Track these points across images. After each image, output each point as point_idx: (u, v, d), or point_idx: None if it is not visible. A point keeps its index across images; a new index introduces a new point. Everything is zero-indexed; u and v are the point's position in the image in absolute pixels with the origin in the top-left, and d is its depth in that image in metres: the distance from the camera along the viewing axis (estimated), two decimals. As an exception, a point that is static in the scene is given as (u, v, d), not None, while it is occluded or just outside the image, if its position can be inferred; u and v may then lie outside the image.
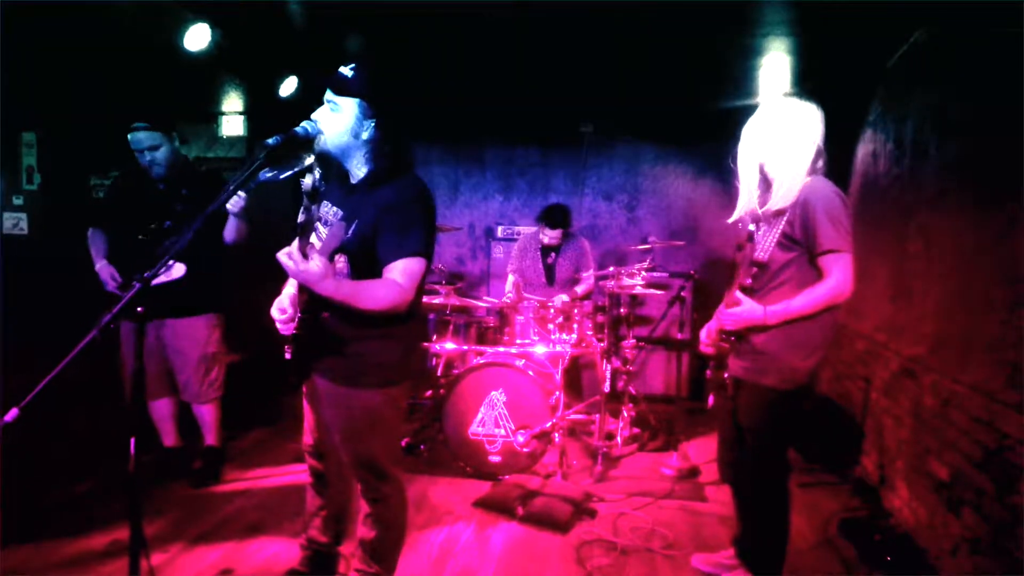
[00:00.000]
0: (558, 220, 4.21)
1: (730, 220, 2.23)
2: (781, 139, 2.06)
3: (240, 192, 2.63)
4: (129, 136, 3.04)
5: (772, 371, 2.09)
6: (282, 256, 1.66)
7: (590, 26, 3.20)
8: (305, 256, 1.65)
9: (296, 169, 1.95)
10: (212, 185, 3.07)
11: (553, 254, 4.36)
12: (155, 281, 2.94)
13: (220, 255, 3.10)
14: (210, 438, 3.34)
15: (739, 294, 2.07)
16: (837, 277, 1.98)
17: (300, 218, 1.74)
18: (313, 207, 1.92)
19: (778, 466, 2.25)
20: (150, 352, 3.13)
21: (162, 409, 3.30)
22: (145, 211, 3.06)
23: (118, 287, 3.05)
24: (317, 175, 1.75)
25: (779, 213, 2.05)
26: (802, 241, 2.03)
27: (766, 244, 2.07)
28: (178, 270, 2.96)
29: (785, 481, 2.26)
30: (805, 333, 2.04)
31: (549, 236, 4.26)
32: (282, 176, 1.96)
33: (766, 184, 2.12)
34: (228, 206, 2.77)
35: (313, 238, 1.89)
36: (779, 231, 2.04)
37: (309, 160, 1.93)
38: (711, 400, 2.38)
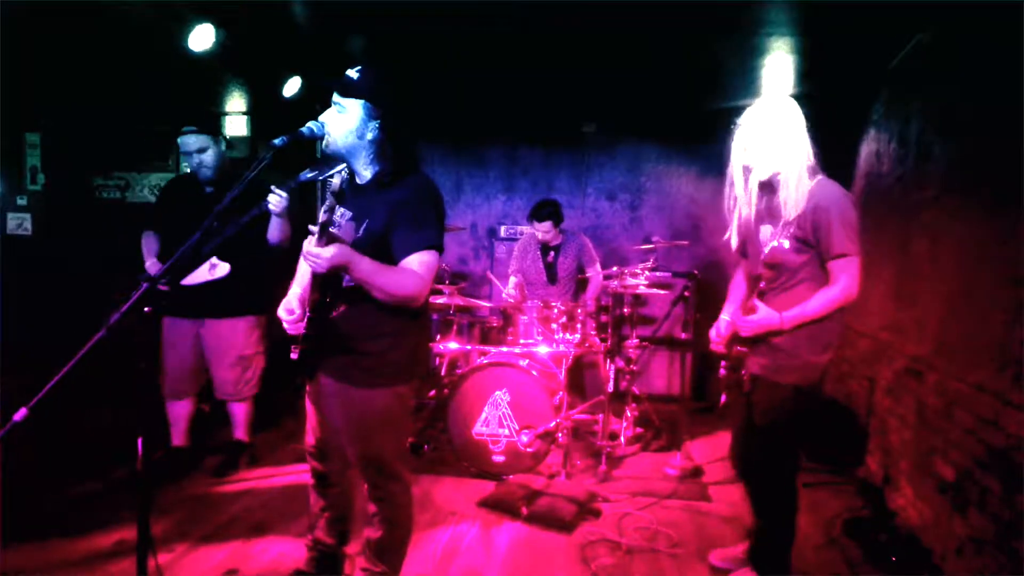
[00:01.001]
0: (545, 213, 4.19)
1: (729, 237, 2.27)
2: (778, 144, 2.07)
3: (282, 193, 2.63)
4: (179, 140, 3.13)
5: (790, 369, 2.13)
6: (307, 256, 1.71)
7: (592, 25, 3.20)
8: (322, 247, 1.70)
9: (336, 170, 1.98)
10: (257, 189, 3.08)
11: (553, 252, 4.35)
12: (199, 280, 2.99)
13: (263, 256, 3.10)
14: (239, 433, 3.42)
15: (756, 301, 2.10)
16: (847, 280, 2.05)
17: (322, 217, 1.75)
18: (338, 207, 1.95)
19: (790, 463, 2.29)
20: (186, 351, 3.22)
21: (181, 409, 3.33)
22: (192, 213, 3.04)
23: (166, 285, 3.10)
24: (345, 175, 1.77)
25: (786, 218, 2.08)
26: (814, 244, 2.07)
27: (779, 248, 2.10)
28: (222, 270, 3.05)
29: (795, 479, 2.30)
30: (819, 329, 2.10)
31: (541, 231, 4.23)
32: (322, 177, 1.99)
33: (769, 190, 2.14)
34: (271, 207, 2.74)
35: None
36: (790, 234, 2.07)
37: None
38: (723, 398, 2.39)
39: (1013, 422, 2.16)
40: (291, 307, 1.97)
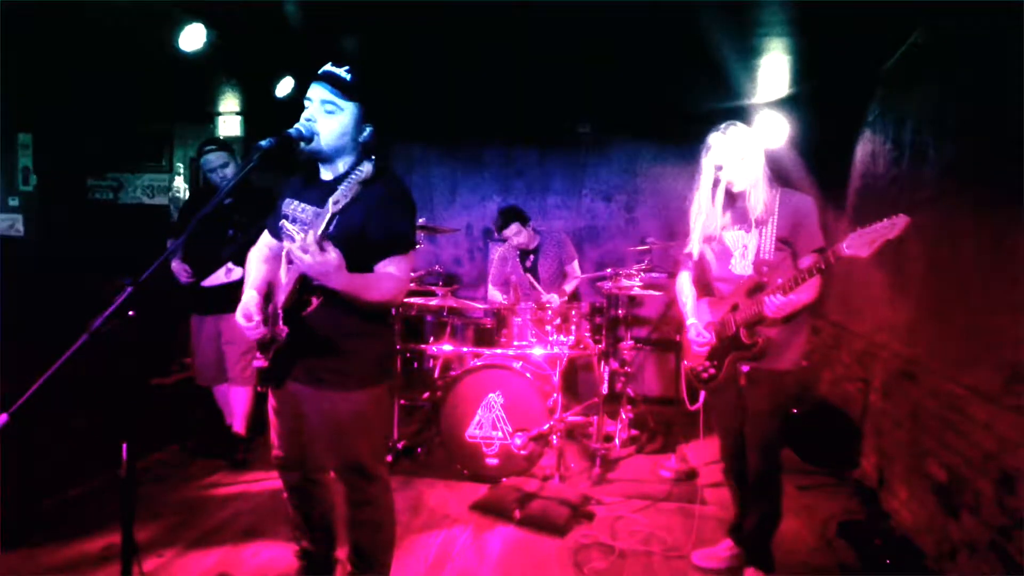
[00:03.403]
0: (507, 218, 4.15)
1: (691, 247, 2.46)
2: (750, 162, 2.30)
3: None
4: (202, 159, 3.44)
5: (786, 355, 2.31)
6: (295, 249, 1.62)
7: (588, 26, 3.19)
8: (321, 248, 1.63)
9: (357, 172, 1.97)
10: (265, 199, 3.29)
11: (532, 256, 4.31)
12: (216, 283, 3.37)
13: None
14: (237, 426, 3.56)
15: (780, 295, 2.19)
16: None
17: (332, 207, 1.69)
18: (298, 202, 1.94)
19: (780, 448, 2.44)
20: (209, 342, 3.50)
21: (222, 392, 3.61)
22: (212, 222, 3.34)
23: (189, 280, 3.42)
24: (349, 168, 1.75)
25: (760, 222, 2.31)
26: (792, 243, 2.31)
27: (767, 247, 2.29)
28: (237, 274, 3.33)
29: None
30: (801, 318, 2.32)
31: (513, 235, 4.18)
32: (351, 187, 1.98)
33: (735, 201, 2.37)
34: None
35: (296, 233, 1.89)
36: (773, 236, 2.29)
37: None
38: (702, 398, 2.55)
39: (1006, 425, 2.15)
40: (250, 312, 1.91)
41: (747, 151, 2.30)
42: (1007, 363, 2.19)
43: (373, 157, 1.68)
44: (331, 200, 1.64)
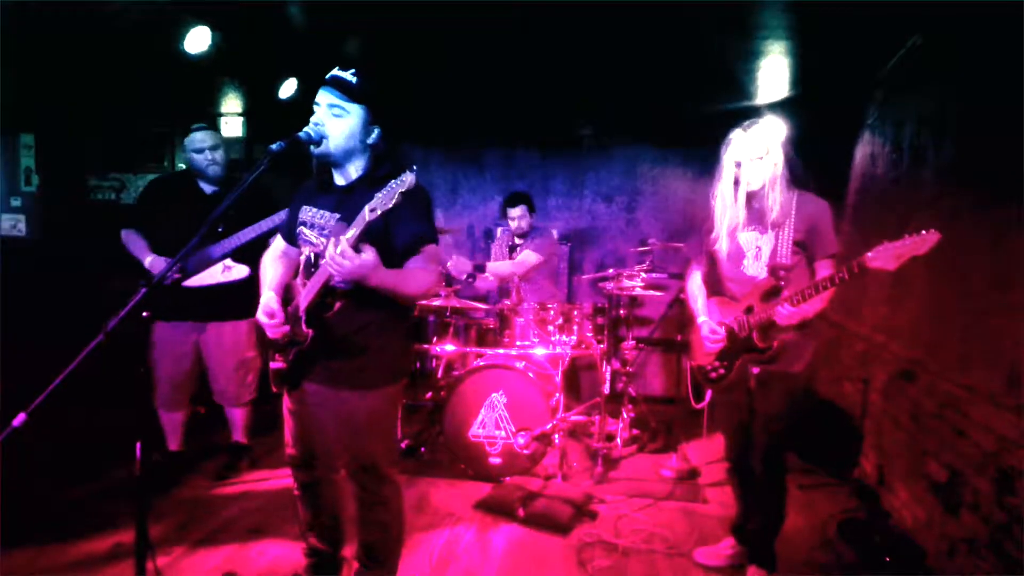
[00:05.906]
0: (517, 198, 4.20)
1: (717, 238, 2.43)
2: (769, 160, 2.28)
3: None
4: (188, 138, 3.09)
5: (798, 358, 2.32)
6: (333, 258, 1.66)
7: (589, 28, 3.21)
8: (357, 251, 1.68)
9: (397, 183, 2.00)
10: (262, 199, 2.99)
11: (519, 248, 4.36)
12: (210, 282, 3.00)
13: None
14: (238, 435, 3.42)
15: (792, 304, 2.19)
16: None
17: (369, 216, 1.71)
18: (313, 208, 1.96)
19: (786, 449, 2.46)
20: (184, 357, 3.16)
21: (178, 417, 3.30)
22: (193, 213, 2.85)
23: (172, 279, 2.99)
24: (353, 176, 1.77)
25: (776, 224, 2.30)
26: (807, 246, 2.31)
27: (783, 250, 2.29)
28: (239, 272, 2.99)
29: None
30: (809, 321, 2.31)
31: (516, 219, 4.19)
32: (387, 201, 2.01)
33: (753, 200, 2.33)
34: (279, 221, 2.68)
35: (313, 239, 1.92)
36: (790, 239, 2.29)
37: None
38: (708, 396, 2.52)
39: (1005, 424, 2.18)
40: (272, 309, 1.94)
41: (766, 150, 2.27)
42: (1006, 363, 2.22)
43: (415, 168, 1.71)
44: (367, 208, 1.65)
